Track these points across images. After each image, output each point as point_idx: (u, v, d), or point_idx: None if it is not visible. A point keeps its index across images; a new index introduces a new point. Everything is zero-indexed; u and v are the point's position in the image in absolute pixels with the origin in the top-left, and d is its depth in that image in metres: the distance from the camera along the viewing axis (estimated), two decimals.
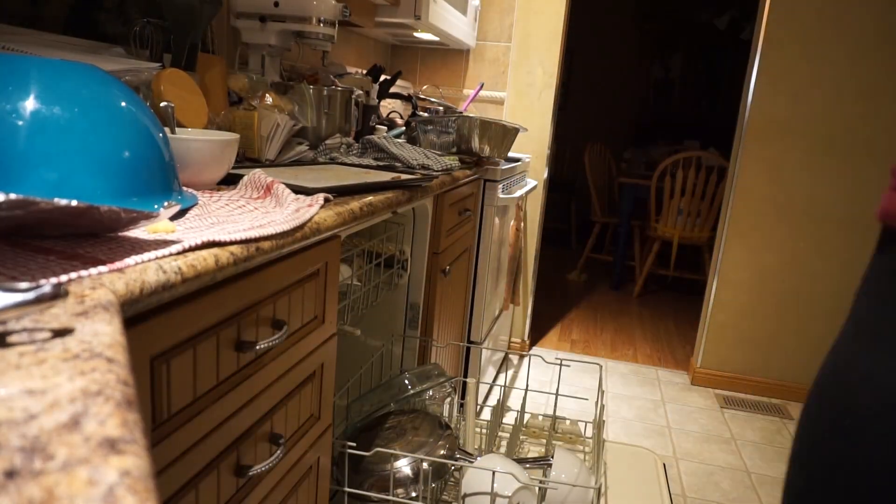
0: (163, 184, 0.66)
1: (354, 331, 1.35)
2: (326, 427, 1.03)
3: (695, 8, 5.46)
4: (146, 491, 0.22)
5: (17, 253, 0.49)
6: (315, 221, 0.82)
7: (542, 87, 2.66)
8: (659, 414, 2.42)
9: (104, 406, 0.27)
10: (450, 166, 1.55)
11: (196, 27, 1.23)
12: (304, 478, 0.97)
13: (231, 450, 0.74)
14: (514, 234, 2.34)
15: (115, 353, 0.33)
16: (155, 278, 0.51)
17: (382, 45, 2.73)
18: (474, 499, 1.22)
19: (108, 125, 0.60)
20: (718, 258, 2.63)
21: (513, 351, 2.60)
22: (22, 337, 0.34)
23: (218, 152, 0.90)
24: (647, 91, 5.83)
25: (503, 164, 2.04)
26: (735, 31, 5.35)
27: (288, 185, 0.95)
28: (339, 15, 1.53)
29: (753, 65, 2.45)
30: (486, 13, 2.66)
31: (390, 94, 2.11)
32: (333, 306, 1.00)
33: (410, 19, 1.99)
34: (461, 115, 1.82)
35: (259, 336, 0.77)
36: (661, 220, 3.80)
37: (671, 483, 1.95)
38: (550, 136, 2.72)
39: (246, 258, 0.64)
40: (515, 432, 1.67)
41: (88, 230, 0.55)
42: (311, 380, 0.96)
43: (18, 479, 0.21)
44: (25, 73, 0.56)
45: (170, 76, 1.05)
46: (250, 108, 1.25)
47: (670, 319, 3.58)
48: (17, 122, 0.54)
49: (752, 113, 2.46)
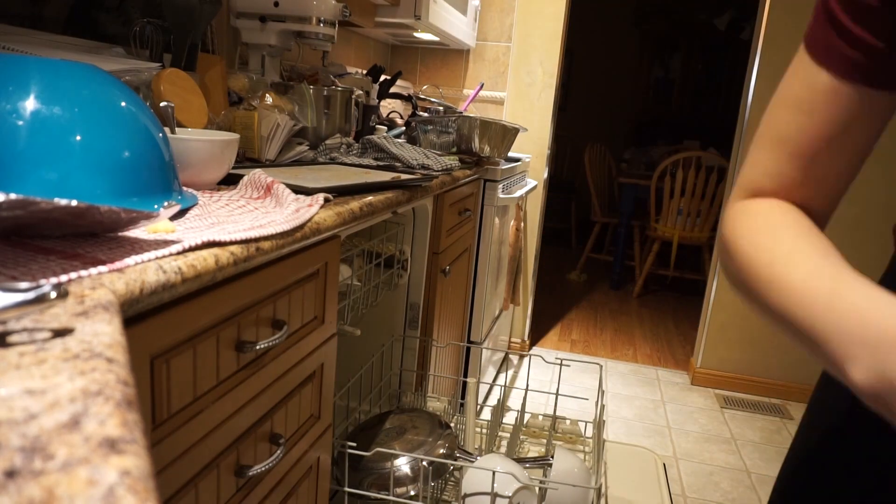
0: (163, 184, 0.66)
1: (354, 331, 1.35)
2: (326, 427, 1.03)
3: (695, 8, 5.46)
4: (146, 491, 0.22)
5: (18, 253, 0.49)
6: (315, 221, 0.82)
7: (542, 87, 2.66)
8: (659, 414, 2.42)
9: (104, 406, 0.27)
10: (450, 166, 1.55)
11: (196, 27, 1.23)
12: (304, 478, 0.97)
13: (231, 450, 0.74)
14: (514, 234, 2.34)
15: (115, 353, 0.33)
16: (155, 278, 0.51)
17: (382, 45, 2.73)
18: (474, 499, 1.22)
19: (108, 125, 0.60)
20: (718, 258, 2.63)
21: (513, 351, 2.60)
22: (22, 337, 0.34)
23: (218, 152, 0.90)
24: (647, 91, 5.83)
25: (503, 164, 2.04)
26: (735, 31, 5.35)
27: (288, 185, 0.95)
28: (339, 15, 1.53)
29: (753, 65, 2.45)
30: (486, 13, 2.66)
31: (390, 94, 2.11)
32: (333, 306, 1.00)
33: (410, 19, 1.99)
34: (461, 115, 1.82)
35: (259, 336, 0.77)
36: (661, 220, 3.80)
37: (671, 483, 1.95)
38: (550, 136, 2.72)
39: (246, 258, 0.64)
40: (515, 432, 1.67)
41: (88, 230, 0.55)
42: (311, 380, 0.96)
43: (18, 479, 0.21)
44: (25, 73, 0.56)
45: (170, 76, 1.05)
46: (250, 108, 1.25)
47: (670, 319, 3.58)
48: (18, 122, 0.54)
49: (752, 113, 2.46)
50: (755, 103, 2.45)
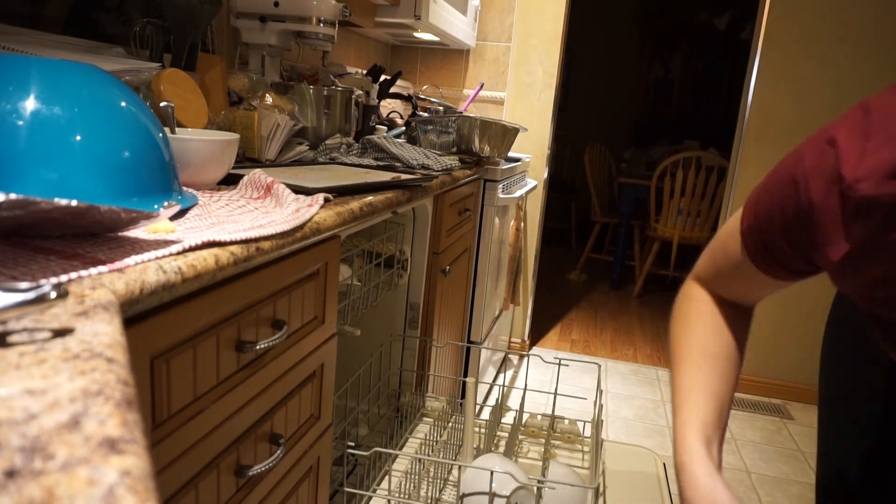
0: (163, 184, 0.66)
1: (354, 331, 1.35)
2: (326, 427, 1.03)
3: (695, 8, 5.46)
4: (146, 491, 0.22)
5: (18, 253, 0.49)
6: (315, 221, 0.82)
7: (542, 87, 2.66)
8: (659, 414, 2.42)
9: (104, 406, 0.27)
10: (450, 166, 1.55)
11: (196, 27, 1.23)
12: (304, 477, 0.97)
13: (231, 450, 0.74)
14: (514, 234, 2.34)
15: (115, 353, 0.33)
16: (155, 278, 0.51)
17: (382, 45, 2.73)
18: (472, 499, 1.22)
19: (108, 125, 0.60)
20: None
21: (512, 351, 2.60)
22: (22, 337, 0.34)
23: (218, 152, 0.90)
24: (647, 91, 5.83)
25: (503, 163, 2.04)
26: (735, 31, 5.35)
27: (288, 185, 0.95)
28: (339, 15, 1.53)
29: (753, 65, 2.45)
30: (486, 13, 2.66)
31: (390, 94, 2.11)
32: (333, 306, 1.00)
33: (410, 19, 1.99)
34: (461, 115, 1.82)
35: (259, 336, 0.77)
36: (660, 220, 3.80)
37: (671, 483, 1.95)
38: (550, 136, 2.72)
39: (246, 258, 0.64)
40: (514, 432, 1.67)
41: (88, 230, 0.55)
42: (311, 380, 0.96)
43: (19, 479, 0.21)
44: (26, 73, 0.56)
45: (170, 76, 1.05)
46: (250, 108, 1.25)
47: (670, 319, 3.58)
48: (18, 122, 0.54)
49: (752, 113, 2.46)
50: (755, 103, 2.45)
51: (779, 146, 2.46)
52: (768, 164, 2.49)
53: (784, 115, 2.43)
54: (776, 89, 2.42)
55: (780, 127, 2.45)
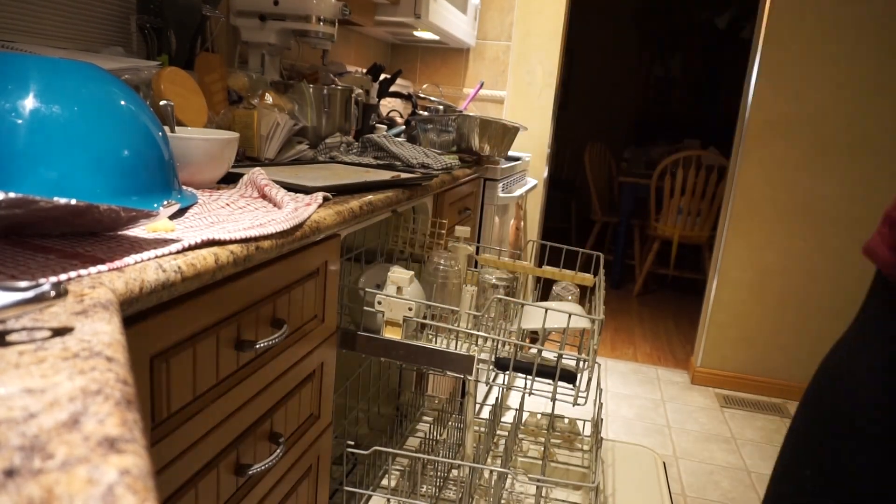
0: (162, 182, 0.66)
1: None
2: (326, 426, 1.03)
3: (695, 8, 5.45)
4: (146, 490, 0.22)
5: (17, 252, 0.49)
6: (315, 220, 0.82)
7: (542, 86, 2.66)
8: (659, 413, 2.42)
9: (104, 405, 0.27)
10: (450, 165, 1.55)
11: (196, 26, 1.23)
12: (304, 476, 0.97)
13: (231, 449, 0.74)
14: (514, 233, 2.34)
15: (114, 352, 0.33)
16: (154, 277, 0.51)
17: (382, 43, 2.72)
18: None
19: (107, 124, 0.60)
20: (718, 257, 2.63)
21: None
22: (21, 336, 0.34)
23: (218, 151, 0.90)
24: (647, 90, 5.83)
25: (503, 162, 2.04)
26: (735, 31, 5.35)
27: (288, 185, 0.95)
28: (339, 14, 1.53)
29: (753, 64, 2.45)
30: (486, 12, 2.65)
31: (390, 93, 2.11)
32: (333, 305, 1.00)
33: (410, 18, 1.99)
34: (461, 113, 1.82)
35: (259, 335, 0.77)
36: (661, 220, 3.80)
37: (671, 482, 1.95)
38: (550, 135, 2.72)
39: (246, 257, 0.64)
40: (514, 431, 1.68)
41: (88, 229, 0.55)
42: (310, 379, 0.96)
43: (18, 478, 0.21)
44: (25, 72, 0.56)
45: (169, 75, 1.05)
46: (250, 106, 1.25)
47: (670, 318, 3.58)
48: (17, 121, 0.54)
49: (752, 112, 2.46)
50: (755, 102, 2.45)
51: (779, 145, 2.46)
52: (768, 164, 2.49)
53: (784, 114, 2.43)
54: (776, 88, 2.42)
55: (780, 126, 2.45)
